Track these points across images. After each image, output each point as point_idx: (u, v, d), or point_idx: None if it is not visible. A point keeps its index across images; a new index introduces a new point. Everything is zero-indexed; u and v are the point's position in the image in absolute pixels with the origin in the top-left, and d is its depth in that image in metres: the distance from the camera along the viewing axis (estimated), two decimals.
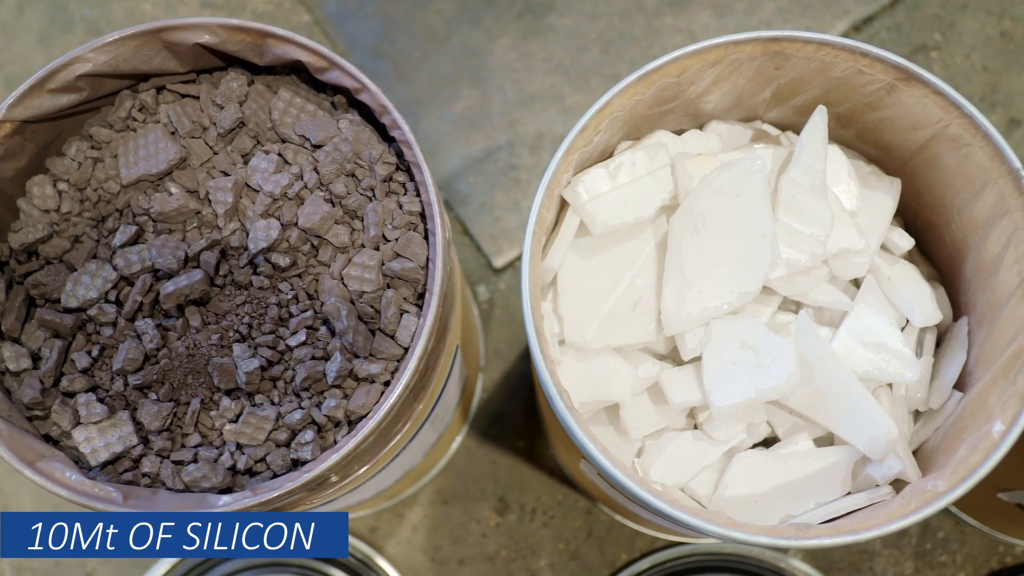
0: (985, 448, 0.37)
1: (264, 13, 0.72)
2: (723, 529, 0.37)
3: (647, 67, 0.41)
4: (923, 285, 0.45)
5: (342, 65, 0.41)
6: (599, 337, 0.43)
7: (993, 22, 0.70)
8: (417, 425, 0.47)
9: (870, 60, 0.41)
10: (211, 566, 0.65)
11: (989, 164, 0.40)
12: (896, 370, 0.43)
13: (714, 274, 0.42)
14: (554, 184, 0.41)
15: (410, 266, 0.40)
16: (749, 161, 0.42)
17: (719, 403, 0.42)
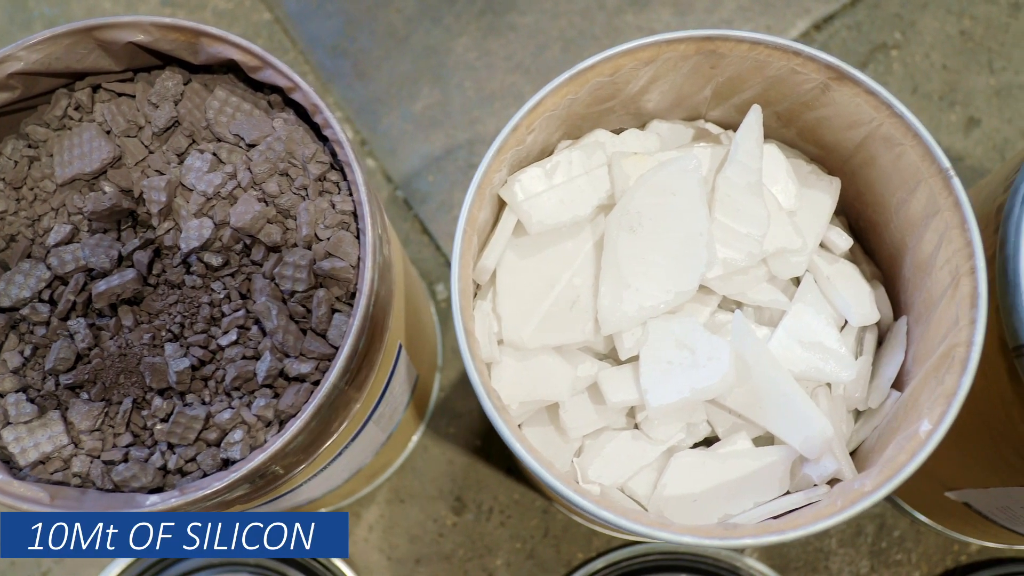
0: (911, 448, 0.37)
1: (225, 11, 0.72)
2: (648, 528, 0.37)
3: (579, 66, 0.41)
4: (862, 284, 0.45)
5: (275, 64, 0.41)
6: (537, 337, 0.43)
7: (953, 21, 0.70)
8: (357, 425, 0.47)
9: (803, 59, 0.41)
10: (166, 566, 0.65)
11: (920, 163, 0.40)
12: (832, 370, 0.43)
13: (650, 273, 0.42)
14: (485, 184, 0.41)
15: (341, 265, 0.40)
16: (684, 160, 0.42)
17: (655, 403, 0.42)
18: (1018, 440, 0.43)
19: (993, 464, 0.46)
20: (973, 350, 0.37)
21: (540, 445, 0.45)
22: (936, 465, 0.53)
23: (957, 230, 0.39)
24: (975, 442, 0.47)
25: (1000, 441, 0.44)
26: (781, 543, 0.40)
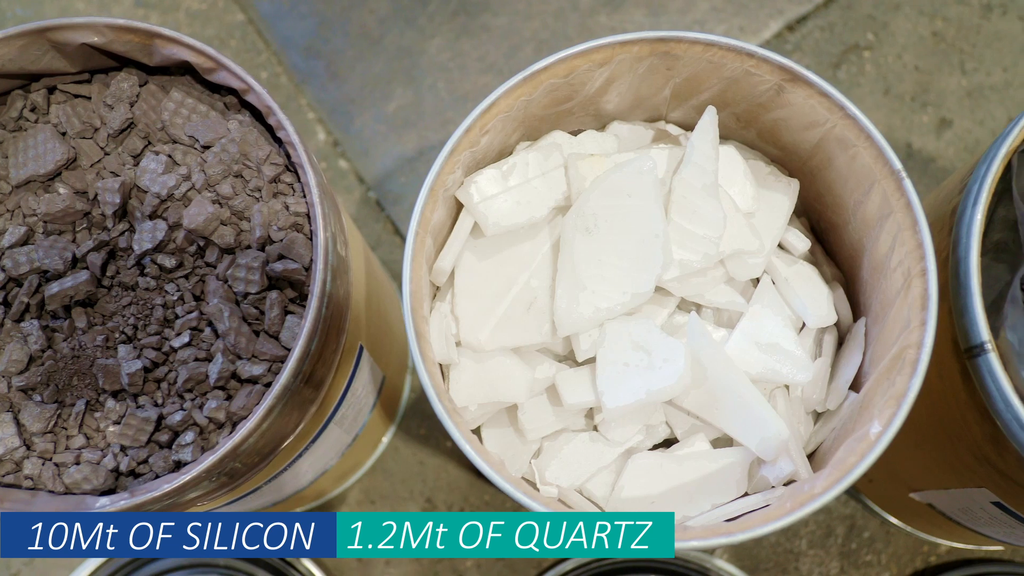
0: (861, 450, 0.37)
1: (198, 12, 0.72)
2: None
3: (533, 67, 0.41)
4: (820, 286, 0.45)
5: (228, 66, 0.41)
6: (494, 338, 0.43)
7: (925, 22, 0.70)
8: (317, 426, 0.47)
9: (756, 61, 0.41)
10: (138, 566, 0.65)
11: (873, 165, 0.40)
12: (789, 371, 0.43)
13: (606, 275, 0.42)
14: (438, 185, 0.40)
15: (293, 267, 0.40)
16: (640, 162, 0.42)
17: (611, 404, 0.42)
18: (973, 442, 0.43)
19: (952, 466, 0.46)
20: (923, 352, 0.37)
21: (499, 447, 0.45)
22: (900, 466, 0.53)
23: (909, 232, 0.39)
24: (934, 444, 0.47)
25: (957, 443, 0.44)
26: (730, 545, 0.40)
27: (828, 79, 0.69)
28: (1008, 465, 0.41)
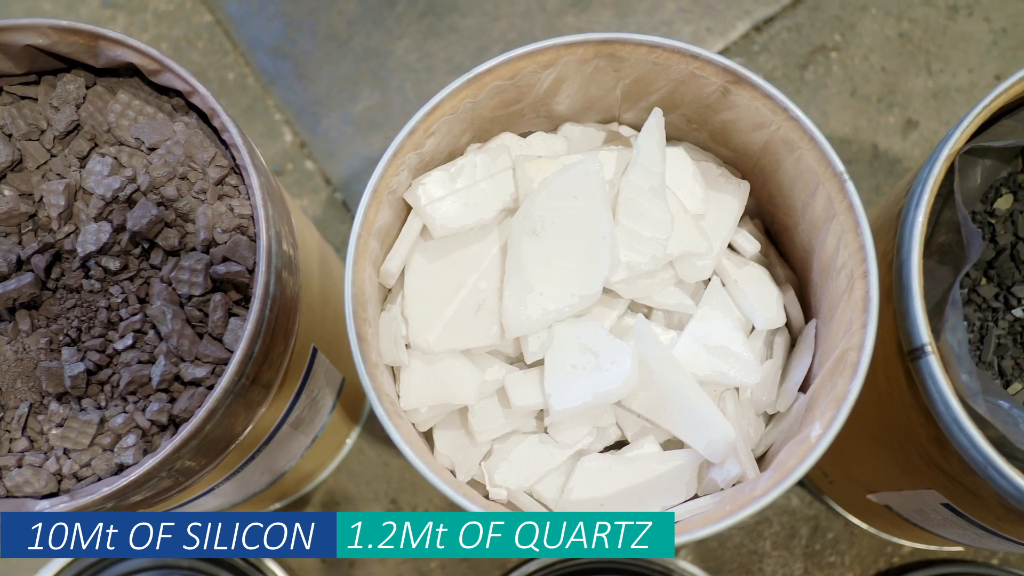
0: (801, 453, 0.37)
1: (166, 13, 0.72)
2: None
3: (476, 69, 0.41)
4: (770, 288, 0.45)
5: (173, 68, 0.41)
6: (443, 340, 0.43)
7: (892, 23, 0.70)
8: (269, 428, 0.47)
9: (700, 62, 0.41)
10: (104, 567, 0.65)
11: (817, 167, 0.40)
12: (737, 374, 0.43)
13: (554, 277, 0.42)
14: (381, 187, 0.40)
15: (237, 269, 0.40)
16: (586, 164, 0.42)
17: (558, 406, 0.42)
18: (919, 444, 0.43)
19: (902, 467, 0.46)
20: (863, 355, 0.37)
21: (450, 449, 0.45)
22: (856, 468, 0.53)
23: (852, 234, 0.39)
24: (885, 446, 0.47)
25: (906, 445, 0.44)
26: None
27: (795, 80, 0.69)
28: (952, 467, 0.41)
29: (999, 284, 0.47)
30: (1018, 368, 0.46)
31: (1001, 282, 0.47)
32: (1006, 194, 0.48)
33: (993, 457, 0.37)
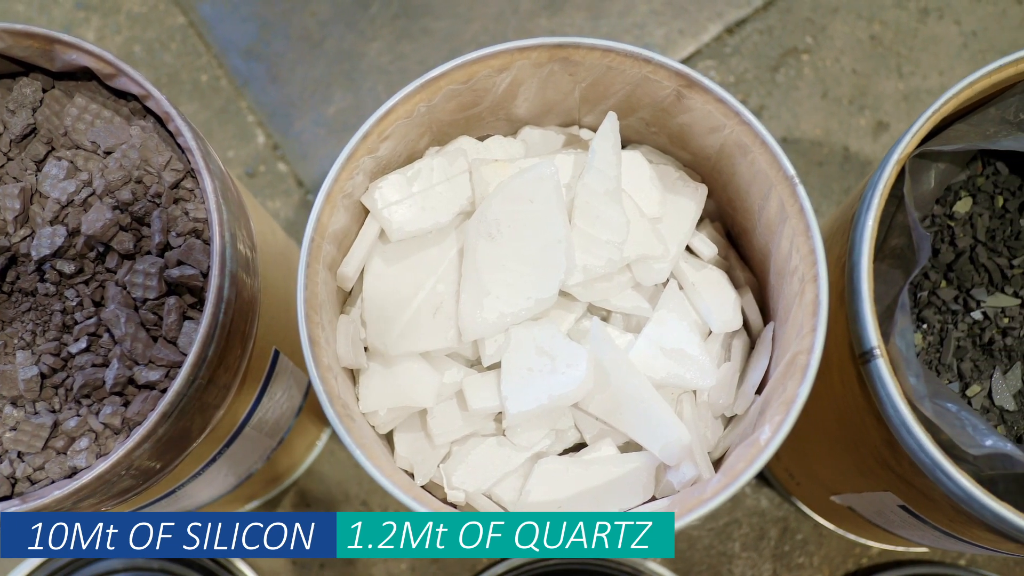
0: (750, 456, 0.38)
1: (139, 15, 0.72)
2: None
3: (430, 74, 0.41)
4: (727, 291, 0.45)
5: (127, 72, 0.41)
6: (400, 343, 0.43)
7: (863, 26, 0.70)
8: (229, 430, 0.47)
9: (653, 66, 0.41)
10: (77, 567, 0.65)
11: (769, 170, 0.40)
12: (693, 377, 0.43)
13: (510, 280, 0.42)
14: (335, 191, 0.41)
15: (191, 273, 0.40)
16: (541, 167, 0.42)
17: (514, 409, 0.42)
18: (873, 446, 0.43)
19: (860, 469, 0.46)
20: (812, 358, 0.38)
21: (410, 451, 0.45)
22: (819, 470, 0.53)
23: (803, 237, 0.39)
24: (843, 448, 0.47)
25: (861, 447, 0.44)
26: None
27: (767, 82, 0.70)
28: (904, 470, 0.41)
29: (958, 287, 0.47)
30: (977, 370, 0.46)
31: (960, 285, 0.47)
32: (965, 197, 0.48)
33: (940, 460, 0.37)
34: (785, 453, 0.58)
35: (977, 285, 0.47)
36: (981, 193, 0.49)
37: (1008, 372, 0.46)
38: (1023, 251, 0.48)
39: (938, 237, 0.48)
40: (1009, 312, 0.47)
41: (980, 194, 0.49)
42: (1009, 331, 0.46)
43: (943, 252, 0.48)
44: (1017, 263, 0.47)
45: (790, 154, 0.68)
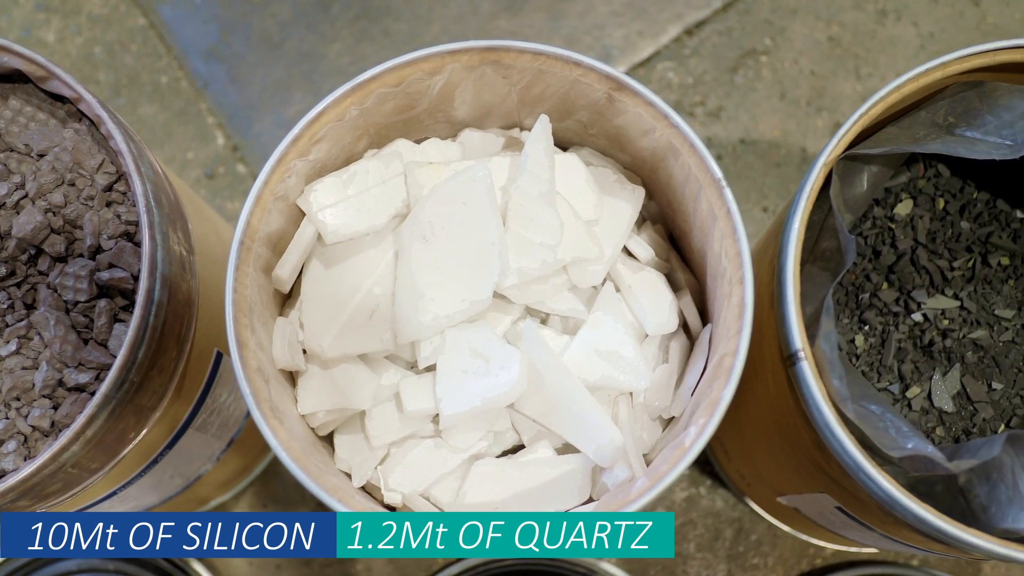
0: (674, 459, 0.38)
1: (100, 16, 0.72)
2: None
3: (359, 78, 0.41)
4: (664, 293, 0.45)
5: (59, 75, 0.41)
6: (336, 346, 0.44)
7: (822, 27, 0.70)
8: (169, 433, 0.47)
9: (583, 69, 0.41)
10: (36, 567, 0.65)
11: (697, 173, 0.40)
12: (627, 379, 0.43)
13: (444, 283, 0.42)
14: (265, 194, 0.41)
15: (121, 275, 0.40)
16: (473, 170, 0.42)
17: (448, 411, 0.42)
18: (806, 448, 0.43)
19: (797, 471, 0.47)
20: (737, 360, 0.38)
21: (349, 453, 0.45)
22: (764, 471, 0.54)
23: (730, 239, 0.40)
24: (782, 449, 0.47)
25: (796, 449, 0.45)
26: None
27: (725, 83, 0.70)
28: (834, 471, 0.41)
29: (900, 288, 0.48)
30: (917, 372, 0.47)
31: (902, 286, 0.47)
32: (906, 199, 0.48)
33: (862, 462, 0.37)
34: (735, 454, 0.58)
35: (918, 287, 0.48)
36: (922, 195, 0.49)
37: (947, 374, 0.46)
38: (963, 253, 0.48)
39: (879, 239, 0.48)
40: (949, 314, 0.47)
41: (921, 196, 0.49)
42: (949, 333, 0.47)
43: (884, 254, 0.48)
44: (957, 265, 0.48)
45: (748, 155, 0.68)
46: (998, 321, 0.47)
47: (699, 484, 0.65)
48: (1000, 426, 0.46)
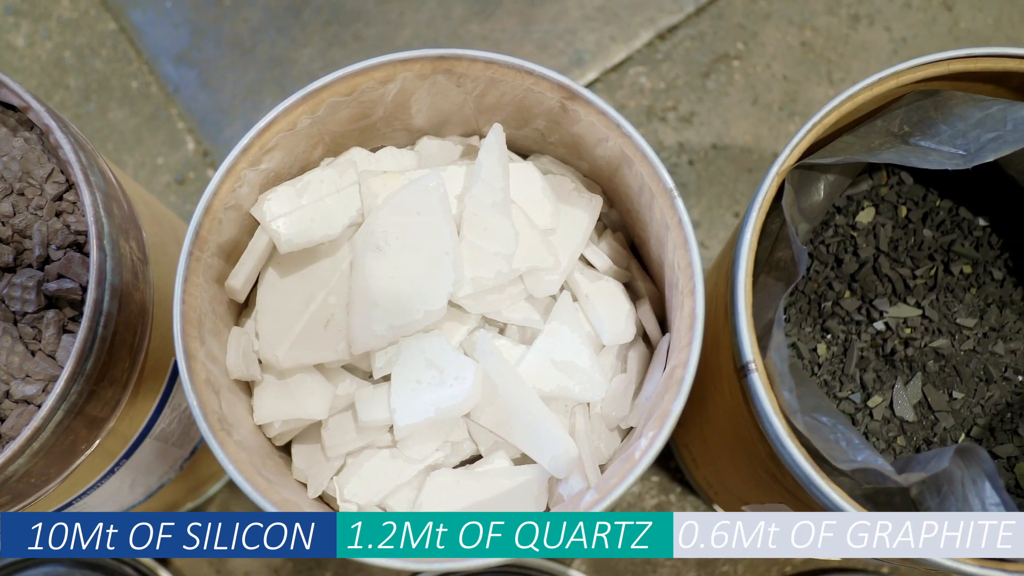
0: (623, 471, 0.38)
1: (70, 20, 0.71)
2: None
3: (310, 86, 0.41)
4: (622, 302, 0.45)
5: (7, 83, 0.41)
6: (291, 356, 0.43)
7: (794, 32, 0.70)
8: (125, 443, 0.47)
9: (535, 78, 0.41)
10: (10, 572, 0.65)
11: (650, 182, 0.40)
12: (582, 389, 0.43)
13: (399, 292, 0.42)
14: (216, 204, 0.40)
15: (68, 286, 0.40)
16: (427, 179, 0.42)
17: (402, 422, 0.42)
18: (762, 459, 0.43)
19: (756, 481, 0.46)
20: (687, 372, 0.38)
21: (306, 463, 0.45)
22: (728, 481, 0.53)
23: (682, 250, 0.39)
24: (741, 460, 0.47)
25: (753, 460, 0.44)
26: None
27: (697, 88, 0.69)
28: (789, 483, 0.41)
29: (862, 297, 0.47)
30: (879, 381, 0.46)
31: (864, 295, 0.47)
32: (868, 207, 0.48)
33: (812, 474, 0.37)
34: (701, 462, 0.58)
35: (880, 295, 0.47)
36: (884, 203, 0.49)
37: (909, 383, 0.46)
38: (925, 261, 0.48)
39: (841, 247, 0.48)
40: (911, 322, 0.47)
41: (883, 204, 0.48)
42: (911, 341, 0.46)
43: (847, 262, 0.48)
44: (920, 273, 0.47)
45: (720, 161, 0.68)
46: (960, 330, 0.47)
47: (669, 492, 0.65)
48: (961, 435, 0.46)
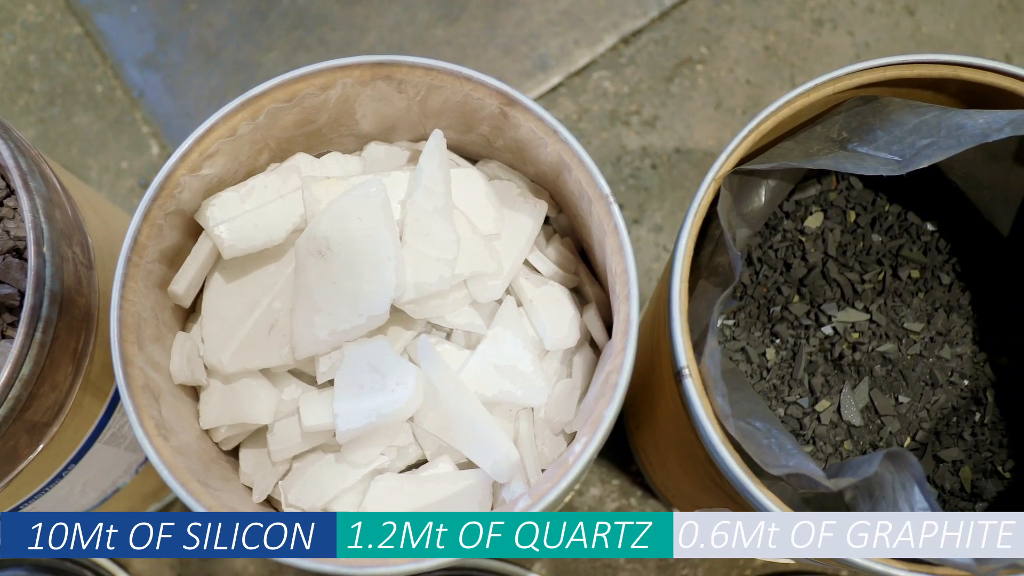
0: (556, 476, 0.38)
1: (35, 25, 0.72)
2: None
3: (248, 93, 0.41)
4: (566, 307, 0.45)
5: None
6: (235, 361, 0.43)
7: (758, 36, 0.70)
8: (73, 448, 0.47)
9: (474, 84, 0.41)
10: None
11: (587, 188, 0.40)
12: (524, 394, 0.43)
13: (341, 298, 0.42)
14: (155, 210, 0.40)
15: (7, 292, 0.40)
16: (367, 185, 0.42)
17: (344, 427, 0.42)
18: (702, 463, 0.43)
19: (702, 487, 0.47)
20: (621, 377, 0.38)
21: (253, 467, 0.45)
22: (679, 484, 0.54)
23: (617, 256, 0.39)
24: (686, 465, 0.47)
25: (695, 464, 0.45)
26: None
27: (661, 92, 0.70)
28: (727, 487, 0.41)
29: (810, 302, 0.47)
30: (828, 385, 0.46)
31: (812, 300, 0.47)
32: (816, 212, 0.48)
33: (743, 478, 0.37)
34: (656, 467, 0.58)
35: (828, 300, 0.48)
36: (833, 208, 0.49)
37: (856, 387, 0.46)
38: (874, 266, 0.48)
39: (790, 252, 0.48)
40: (859, 327, 0.47)
41: (832, 209, 0.49)
42: (858, 346, 0.47)
43: (795, 267, 0.48)
44: (868, 278, 0.48)
45: (683, 164, 0.68)
46: (907, 334, 0.47)
47: (630, 495, 0.65)
48: (906, 439, 0.46)
